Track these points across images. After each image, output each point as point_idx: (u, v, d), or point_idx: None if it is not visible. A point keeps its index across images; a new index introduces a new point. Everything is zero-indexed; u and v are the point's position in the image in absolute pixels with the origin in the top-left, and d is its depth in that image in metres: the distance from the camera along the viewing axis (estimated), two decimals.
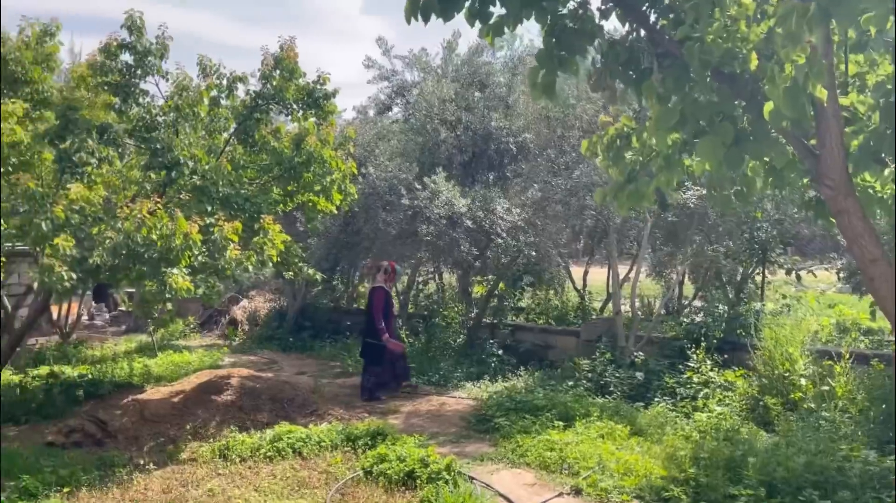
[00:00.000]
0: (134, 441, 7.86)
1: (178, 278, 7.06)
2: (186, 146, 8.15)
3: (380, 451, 6.74)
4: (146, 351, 13.17)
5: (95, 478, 6.57)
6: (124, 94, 8.27)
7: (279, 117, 10.38)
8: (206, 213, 7.93)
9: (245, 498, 6.03)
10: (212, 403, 8.54)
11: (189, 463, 7.08)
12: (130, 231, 6.99)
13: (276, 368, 11.97)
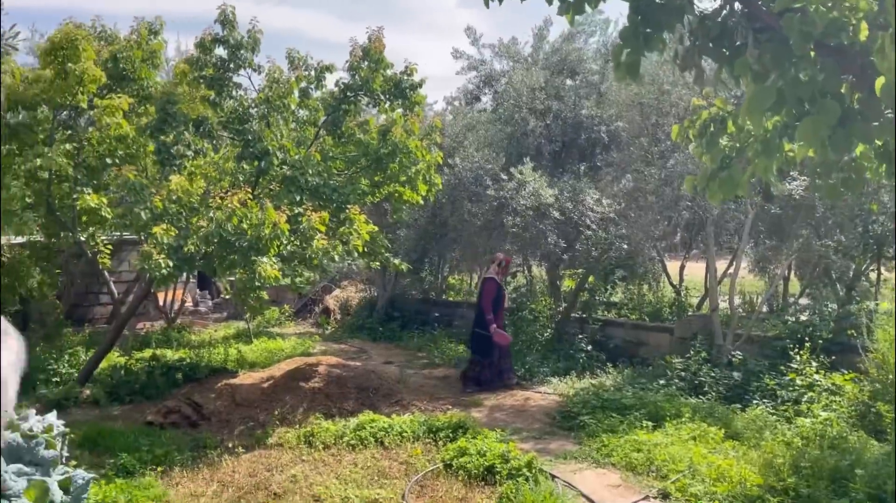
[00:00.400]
0: (226, 424, 8.13)
1: (267, 266, 7.22)
2: (276, 137, 8.32)
3: (460, 445, 6.66)
4: (243, 337, 13.65)
5: (188, 459, 6.82)
6: (219, 88, 8.53)
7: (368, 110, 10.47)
8: (295, 203, 8.08)
9: (326, 485, 6.09)
10: (299, 390, 8.72)
11: (275, 447, 7.24)
12: (222, 220, 7.20)
13: (365, 357, 12.13)
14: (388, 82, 9.18)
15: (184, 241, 7.19)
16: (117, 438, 7.24)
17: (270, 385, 8.99)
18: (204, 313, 18.55)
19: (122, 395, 9.13)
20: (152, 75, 9.79)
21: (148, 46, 9.71)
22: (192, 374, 9.76)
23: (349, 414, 8.14)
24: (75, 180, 8.96)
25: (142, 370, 9.67)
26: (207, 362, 10.42)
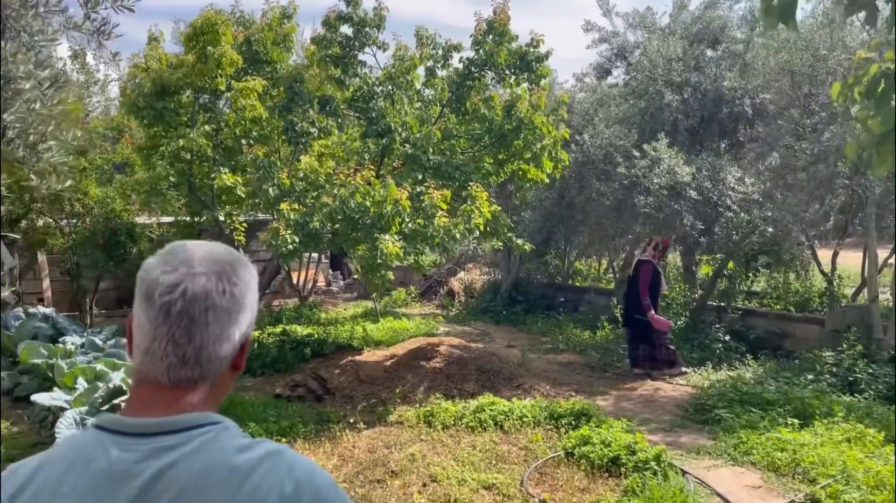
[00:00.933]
0: (349, 399, 8.23)
1: (389, 244, 7.18)
2: (399, 114, 8.26)
3: (583, 433, 6.34)
4: (370, 316, 13.90)
5: (311, 431, 6.94)
6: (344, 66, 8.59)
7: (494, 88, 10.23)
8: (417, 181, 8.00)
9: (443, 466, 5.97)
10: (421, 369, 8.69)
11: (395, 425, 7.23)
12: (345, 197, 7.23)
13: (487, 340, 11.97)
14: (513, 56, 8.89)
15: (309, 217, 7.29)
16: (247, 408, 7.51)
17: (393, 363, 9.03)
18: (335, 293, 19.14)
19: (255, 368, 9.50)
20: (285, 58, 10.05)
21: (281, 30, 9.96)
22: (320, 350, 10.01)
23: (469, 395, 8.00)
24: (214, 160, 9.36)
25: (273, 344, 10.02)
26: (334, 339, 10.65)
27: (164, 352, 1.09)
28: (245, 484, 1.03)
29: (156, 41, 9.82)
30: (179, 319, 1.09)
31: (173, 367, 1.10)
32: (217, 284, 1.12)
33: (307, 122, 8.02)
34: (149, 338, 1.11)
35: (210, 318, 1.11)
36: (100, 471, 1.04)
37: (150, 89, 9.06)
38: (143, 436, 1.06)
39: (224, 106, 9.82)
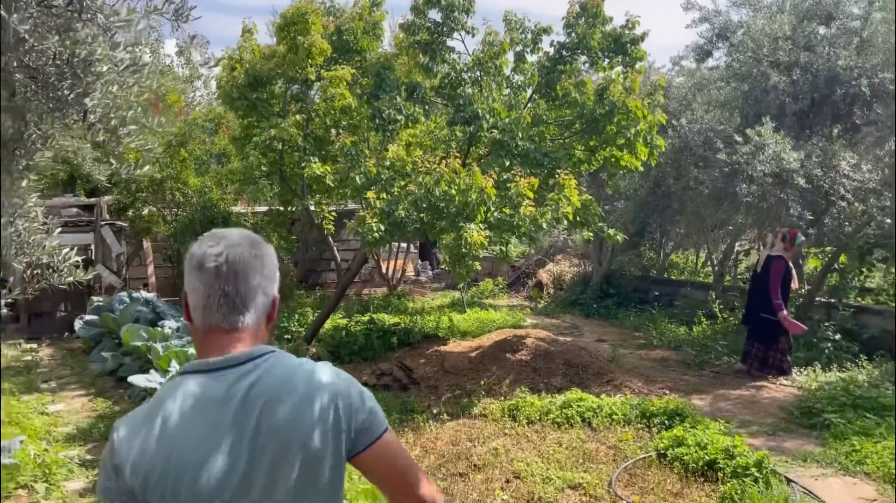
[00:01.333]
0: (433, 390, 8.16)
1: (473, 232, 7.03)
2: (487, 100, 8.07)
3: (677, 433, 5.99)
4: (457, 306, 13.83)
5: (395, 421, 6.90)
6: (432, 52, 8.46)
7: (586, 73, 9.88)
8: (504, 169, 7.80)
9: (527, 462, 5.78)
10: (506, 361, 8.51)
11: (479, 418, 7.09)
12: (430, 185, 7.13)
13: (576, 333, 11.65)
14: (607, 38, 8.52)
15: (395, 205, 7.23)
16: None
17: (478, 354, 8.89)
18: (424, 282, 19.24)
19: (343, 355, 9.59)
20: (375, 46, 10.04)
21: (371, 18, 9.96)
22: (406, 339, 10.00)
23: (556, 390, 7.77)
24: (304, 150, 9.47)
25: (361, 332, 10.09)
26: (420, 328, 10.62)
27: (219, 303, 1.45)
28: (310, 379, 1.45)
29: (249, 33, 10.03)
30: (227, 277, 1.45)
31: (227, 315, 1.46)
32: (249, 251, 1.49)
33: (394, 109, 7.95)
34: (205, 296, 1.45)
35: (248, 275, 1.47)
36: (203, 401, 1.40)
37: (244, 80, 9.26)
38: (224, 369, 1.42)
39: (315, 95, 9.92)
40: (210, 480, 1.35)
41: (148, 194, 11.96)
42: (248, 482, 1.38)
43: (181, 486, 1.35)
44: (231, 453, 1.38)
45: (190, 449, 1.36)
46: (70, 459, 5.69)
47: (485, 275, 17.17)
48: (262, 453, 1.39)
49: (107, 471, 1.39)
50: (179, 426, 1.37)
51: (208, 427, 1.38)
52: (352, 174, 7.42)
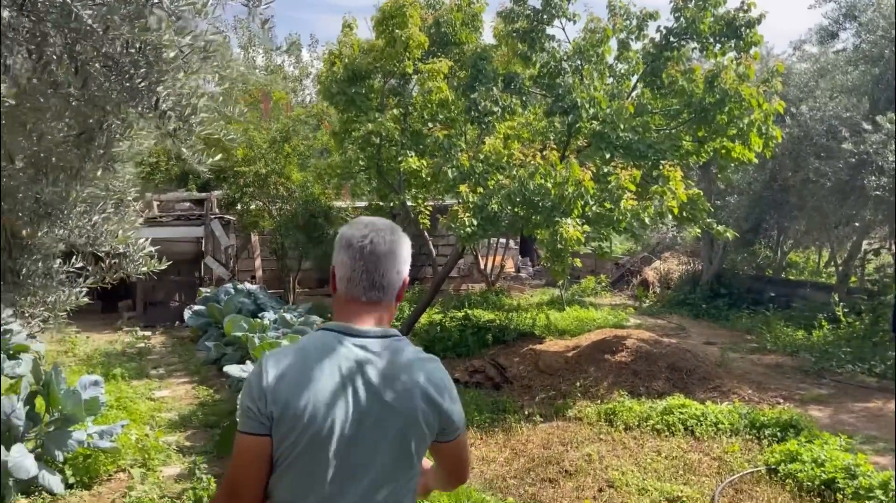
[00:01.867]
0: (527, 390, 7.92)
1: (569, 227, 6.74)
2: (587, 89, 7.73)
3: (790, 447, 5.49)
4: (556, 304, 13.49)
5: (486, 420, 6.73)
6: (530, 41, 8.18)
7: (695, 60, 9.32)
8: (604, 161, 7.45)
9: (622, 471, 5.46)
10: (605, 362, 8.15)
11: (574, 421, 6.80)
12: (524, 178, 6.89)
13: (682, 335, 11.07)
14: (719, 22, 7.97)
15: (488, 200, 7.05)
16: None
17: (575, 354, 8.57)
18: (524, 279, 18.95)
19: (437, 350, 9.49)
20: (474, 38, 9.87)
21: (470, 9, 9.80)
22: (501, 336, 9.79)
23: (657, 394, 7.35)
24: (401, 144, 9.45)
25: (455, 328, 9.97)
26: (516, 326, 10.38)
27: (361, 278, 1.67)
28: (429, 370, 1.69)
29: (349, 28, 10.11)
30: (370, 256, 1.67)
31: (367, 289, 1.68)
32: (389, 237, 1.70)
33: (490, 101, 7.75)
34: (350, 270, 1.68)
35: (386, 257, 1.69)
36: (340, 357, 1.62)
37: (343, 75, 9.33)
38: (360, 336, 1.64)
39: (412, 89, 9.88)
40: (332, 425, 1.58)
41: (254, 189, 12.33)
42: (361, 437, 1.60)
43: (310, 424, 1.56)
44: (354, 408, 1.60)
45: (323, 394, 1.58)
46: (168, 445, 5.87)
47: (587, 272, 16.70)
48: (377, 417, 1.60)
49: (251, 394, 1.59)
50: (318, 373, 1.59)
51: (341, 379, 1.60)
52: (444, 168, 7.28)
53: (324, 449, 1.58)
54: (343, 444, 1.59)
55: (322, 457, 1.58)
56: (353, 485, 1.61)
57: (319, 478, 1.59)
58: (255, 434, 1.58)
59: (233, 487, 1.62)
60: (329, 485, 1.59)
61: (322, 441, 1.57)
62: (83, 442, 5.15)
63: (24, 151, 2.50)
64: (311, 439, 1.57)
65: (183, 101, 2.74)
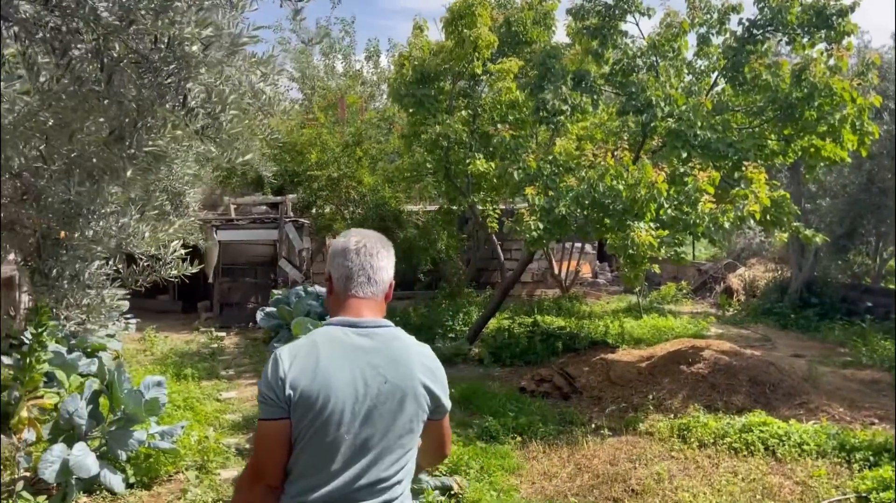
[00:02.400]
0: (596, 401, 7.59)
1: (641, 232, 6.39)
2: (662, 86, 7.34)
3: (883, 474, 4.99)
4: (633, 312, 13.01)
5: (551, 432, 6.45)
6: (602, 37, 7.85)
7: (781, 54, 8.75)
8: (680, 161, 7.05)
9: (694, 493, 5.09)
10: (680, 374, 7.72)
11: (644, 436, 6.44)
12: (594, 180, 6.59)
13: (768, 346, 10.42)
14: (807, 11, 7.43)
15: (556, 202, 6.77)
16: (488, 400, 7.26)
17: (649, 365, 8.17)
18: (602, 285, 18.42)
19: (504, 357, 9.27)
20: (545, 37, 9.61)
21: (541, 7, 9.55)
22: (571, 344, 9.46)
23: (736, 410, 6.88)
24: (470, 146, 9.29)
25: (523, 334, 9.71)
26: (588, 333, 10.03)
27: (359, 276, 1.91)
28: (423, 355, 1.90)
29: (419, 30, 10.02)
30: (366, 258, 1.91)
31: (365, 285, 1.90)
32: (378, 243, 1.96)
33: (559, 99, 7.47)
34: (349, 270, 1.91)
35: (378, 258, 1.93)
36: (346, 346, 1.81)
37: (411, 77, 9.24)
38: (363, 327, 1.85)
39: (482, 91, 9.70)
40: (345, 406, 1.77)
41: (327, 192, 12.43)
42: (368, 415, 1.79)
43: (323, 406, 1.75)
44: (361, 389, 1.79)
45: (335, 379, 1.77)
46: (228, 447, 5.88)
47: (668, 278, 16.07)
48: (382, 396, 1.80)
49: (269, 383, 1.77)
50: (329, 361, 1.78)
51: (349, 365, 1.79)
52: (510, 170, 7.06)
53: (337, 427, 1.77)
54: (353, 422, 1.78)
55: (335, 434, 1.77)
56: (362, 457, 1.80)
57: (333, 453, 1.78)
58: (276, 419, 1.77)
59: (257, 469, 1.83)
60: (341, 457, 1.79)
61: (334, 420, 1.77)
62: (144, 442, 5.20)
63: (53, 152, 2.47)
64: (325, 419, 1.76)
65: (213, 97, 2.65)
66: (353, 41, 24.04)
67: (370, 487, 1.82)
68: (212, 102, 2.66)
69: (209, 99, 2.65)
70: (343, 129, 12.64)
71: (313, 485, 1.80)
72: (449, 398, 1.97)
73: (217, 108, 2.68)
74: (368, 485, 1.82)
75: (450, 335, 10.32)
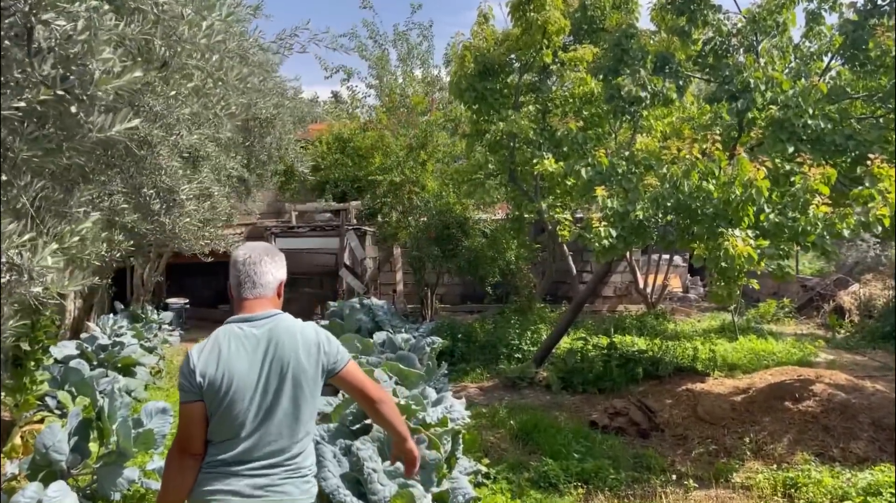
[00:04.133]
0: (680, 442, 6.42)
1: (737, 241, 5.23)
2: (762, 67, 6.13)
3: None
4: (727, 332, 11.59)
5: (623, 480, 5.36)
6: (690, 13, 6.67)
7: None
8: (785, 156, 5.82)
9: None
10: (784, 412, 6.45)
11: (740, 490, 5.26)
12: (677, 177, 5.47)
13: (889, 377, 8.85)
14: None
15: (631, 205, 5.69)
16: (552, 437, 6.22)
17: (745, 399, 6.92)
18: (692, 300, 16.96)
19: (575, 384, 8.20)
20: (626, 23, 8.51)
21: None
22: (653, 370, 8.27)
23: (857, 461, 5.60)
24: (538, 145, 8.31)
25: (598, 358, 8.59)
26: (672, 358, 8.78)
27: (247, 281, 2.35)
28: (303, 331, 2.33)
29: (484, 19, 9.11)
30: (250, 266, 2.36)
31: (251, 288, 2.35)
32: (261, 253, 2.41)
33: (637, 85, 6.36)
34: (237, 278, 2.36)
35: (261, 265, 2.37)
36: (243, 338, 2.27)
37: (473, 69, 8.35)
38: (253, 321, 2.30)
39: (552, 84, 8.70)
40: (246, 385, 2.25)
41: (391, 199, 11.67)
42: (267, 387, 2.27)
43: (228, 387, 2.22)
44: (259, 369, 2.27)
45: (235, 365, 2.25)
46: None
47: (767, 294, 14.44)
48: (275, 371, 2.27)
49: (184, 374, 2.26)
50: (228, 351, 2.26)
51: (246, 353, 2.27)
52: (577, 167, 6.02)
53: (241, 400, 2.24)
54: (254, 394, 2.25)
55: (240, 407, 2.23)
56: (268, 422, 2.27)
57: (242, 422, 2.24)
58: (192, 402, 2.25)
59: (182, 442, 2.28)
60: (249, 425, 2.25)
61: (238, 397, 2.24)
62: (135, 480, 4.49)
63: None
64: (231, 398, 2.23)
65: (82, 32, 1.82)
66: (430, 45, 23.37)
67: (274, 444, 2.27)
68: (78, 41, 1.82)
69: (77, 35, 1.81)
70: (408, 131, 11.86)
71: (227, 448, 2.25)
72: (343, 350, 2.40)
73: (82, 48, 1.84)
74: (272, 443, 2.26)
75: (515, 355, 9.30)
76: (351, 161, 11.84)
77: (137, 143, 3.95)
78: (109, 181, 4.05)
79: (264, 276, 2.34)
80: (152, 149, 4.03)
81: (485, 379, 8.84)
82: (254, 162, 8.96)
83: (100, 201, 3.82)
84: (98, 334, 7.61)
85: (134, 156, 4.00)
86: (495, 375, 8.88)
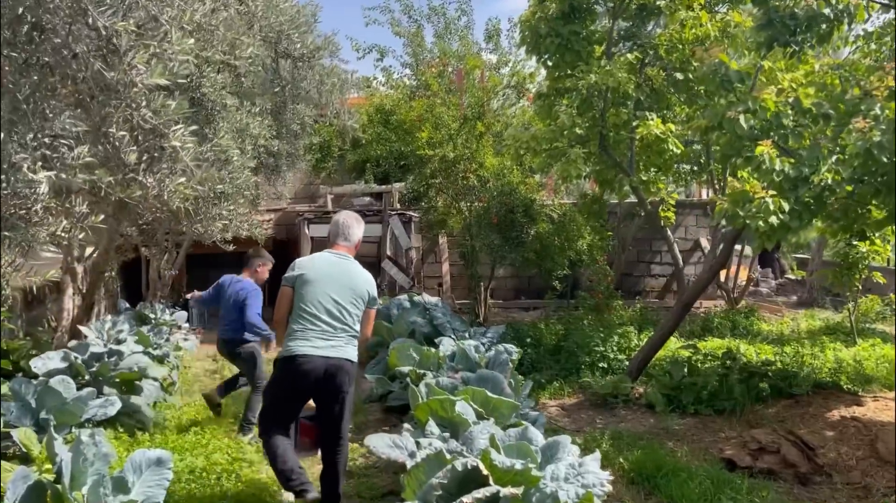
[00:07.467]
0: (861, 493, 4.71)
1: None
2: None
3: None
4: (837, 333, 9.79)
5: None
6: None
7: None
8: None
9: None
10: None
11: None
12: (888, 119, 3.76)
13: None
14: None
15: (814, 164, 3.99)
16: (684, 483, 4.54)
17: None
18: (766, 295, 15.24)
19: (684, 402, 6.51)
20: None
21: None
22: (785, 387, 6.54)
23: None
24: (637, 103, 6.63)
25: (710, 370, 6.89)
26: (810, 372, 7.02)
27: (341, 234, 3.98)
28: (363, 273, 3.98)
29: None
30: (344, 226, 4.01)
31: (343, 240, 3.98)
32: (353, 217, 4.12)
33: None
34: (337, 230, 4.00)
35: (349, 227, 4.02)
36: (331, 260, 3.92)
37: (556, 10, 6.68)
38: (338, 256, 3.94)
39: (654, 28, 7.01)
40: (325, 282, 3.78)
41: (441, 180, 10.04)
42: (335, 287, 3.78)
43: (315, 281, 3.78)
44: (334, 278, 3.80)
45: (320, 271, 3.81)
46: None
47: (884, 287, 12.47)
48: (343, 282, 3.80)
49: (292, 272, 3.85)
50: (319, 263, 3.85)
51: (329, 267, 3.83)
52: (729, 113, 4.31)
53: (321, 290, 3.77)
54: (327, 289, 3.77)
55: (319, 291, 3.78)
56: (332, 306, 3.78)
57: (318, 303, 3.77)
58: (288, 286, 3.84)
59: (278, 312, 3.91)
60: (322, 305, 3.77)
61: (318, 288, 3.77)
62: None
63: None
64: (313, 286, 3.77)
65: None
66: (470, 20, 21.65)
67: (339, 320, 3.78)
68: None
69: None
70: (461, 99, 10.21)
71: (309, 315, 3.78)
72: (376, 300, 4.00)
73: None
74: (338, 318, 3.78)
75: (599, 364, 7.63)
76: (395, 135, 10.25)
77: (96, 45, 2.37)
78: (55, 113, 2.49)
79: (351, 233, 3.97)
80: (121, 58, 2.45)
81: (566, 394, 7.19)
82: (284, 132, 7.42)
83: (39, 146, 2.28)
84: (93, 340, 6.11)
85: (90, 67, 2.42)
86: (578, 390, 7.23)
